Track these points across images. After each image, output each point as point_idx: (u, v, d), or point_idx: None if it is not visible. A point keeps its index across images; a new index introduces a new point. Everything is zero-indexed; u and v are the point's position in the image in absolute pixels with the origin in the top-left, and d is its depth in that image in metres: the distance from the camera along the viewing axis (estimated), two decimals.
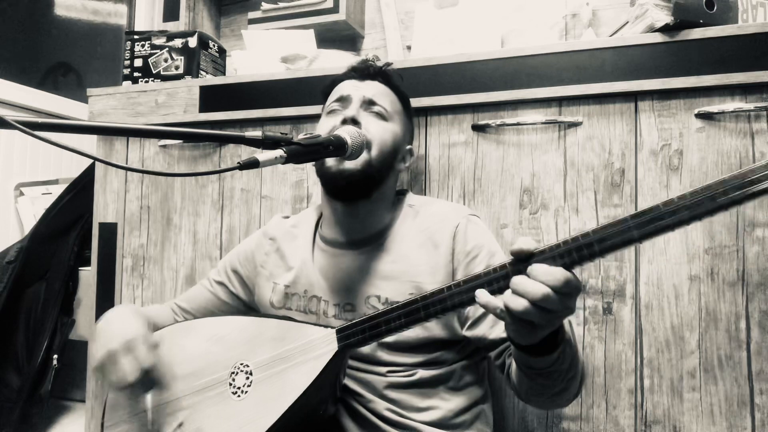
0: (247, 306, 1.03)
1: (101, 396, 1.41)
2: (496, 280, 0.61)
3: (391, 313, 0.68)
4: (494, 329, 0.81)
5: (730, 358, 0.95)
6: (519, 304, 0.55)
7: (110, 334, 0.80)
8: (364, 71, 0.96)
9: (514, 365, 0.74)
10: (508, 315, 0.57)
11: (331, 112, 0.93)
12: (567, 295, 0.56)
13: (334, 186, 0.87)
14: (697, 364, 0.97)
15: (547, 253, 0.57)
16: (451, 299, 0.64)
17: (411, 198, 0.96)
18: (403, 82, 1.08)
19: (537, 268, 0.56)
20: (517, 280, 0.57)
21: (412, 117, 1.04)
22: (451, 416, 0.85)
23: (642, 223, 0.53)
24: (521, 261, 0.58)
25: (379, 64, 1.00)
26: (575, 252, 0.56)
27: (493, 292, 0.61)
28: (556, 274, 0.55)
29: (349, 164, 0.84)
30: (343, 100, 0.92)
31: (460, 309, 0.67)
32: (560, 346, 0.64)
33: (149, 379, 0.82)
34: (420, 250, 0.87)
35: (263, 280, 0.97)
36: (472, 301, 0.62)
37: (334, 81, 0.98)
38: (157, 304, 1.07)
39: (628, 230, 0.54)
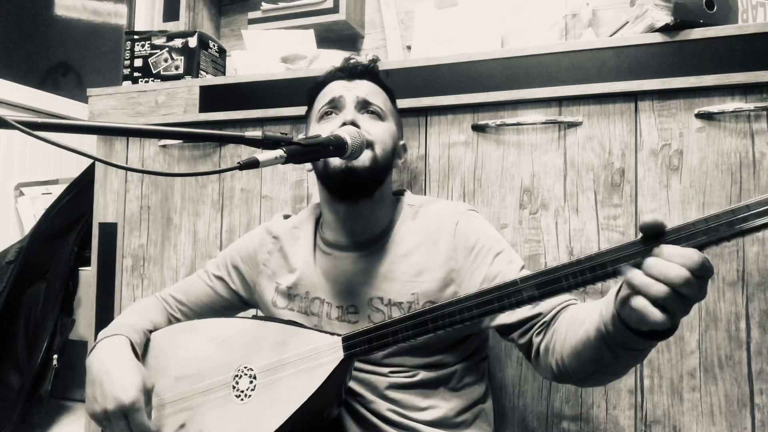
0: (244, 302, 1.03)
1: None
2: (527, 289, 0.60)
3: (399, 324, 0.68)
4: (515, 313, 0.79)
5: (730, 358, 0.95)
6: (658, 288, 0.51)
7: (107, 391, 0.78)
8: (353, 70, 0.93)
9: (571, 345, 0.69)
10: (648, 300, 0.53)
11: (324, 116, 0.90)
12: (703, 278, 0.52)
13: (343, 185, 0.85)
14: (697, 364, 0.97)
15: (682, 232, 0.53)
16: (461, 313, 0.64)
17: (409, 198, 0.95)
18: (403, 83, 1.08)
19: (670, 249, 0.52)
20: (654, 262, 0.52)
21: (398, 111, 1.02)
22: (452, 415, 0.85)
23: None
24: (651, 238, 0.54)
25: (364, 62, 0.97)
26: (712, 232, 0.51)
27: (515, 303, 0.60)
28: (693, 256, 0.51)
29: (358, 162, 0.83)
30: (336, 102, 0.89)
31: (469, 323, 0.65)
32: (675, 330, 0.59)
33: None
34: (420, 249, 0.87)
35: (265, 279, 0.97)
36: (487, 313, 0.62)
37: (320, 83, 0.95)
38: (145, 298, 1.05)
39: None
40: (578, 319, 0.71)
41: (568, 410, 1.04)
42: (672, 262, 0.52)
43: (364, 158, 0.84)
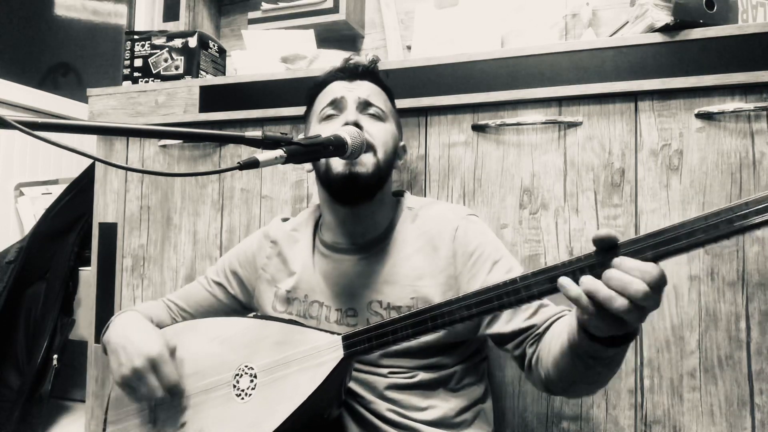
0: (244, 307, 1.03)
1: (101, 396, 1.41)
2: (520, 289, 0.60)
3: (399, 323, 0.68)
4: (510, 324, 0.80)
5: (730, 358, 0.95)
6: (621, 303, 0.53)
7: (132, 351, 0.80)
8: (353, 71, 0.93)
9: (552, 356, 0.70)
10: (599, 310, 0.54)
11: (326, 117, 0.89)
12: (658, 290, 0.54)
13: (345, 190, 0.84)
14: (697, 364, 0.97)
15: (633, 245, 0.54)
16: (459, 311, 0.64)
17: (409, 200, 0.95)
18: (403, 82, 1.07)
19: (628, 262, 0.53)
20: (614, 274, 0.53)
21: (398, 112, 1.02)
22: (452, 415, 0.85)
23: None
24: (605, 251, 0.55)
25: (364, 62, 0.96)
26: (665, 245, 0.52)
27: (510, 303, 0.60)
28: (652, 270, 0.53)
29: (360, 168, 0.82)
30: (337, 103, 0.89)
31: (467, 321, 0.65)
32: (636, 335, 0.61)
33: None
34: (419, 253, 0.87)
35: (264, 284, 0.97)
36: (487, 311, 0.62)
37: (320, 83, 0.95)
38: (150, 301, 1.06)
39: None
40: (557, 330, 0.72)
41: (568, 410, 1.04)
42: (631, 275, 0.53)
43: (367, 163, 0.83)
